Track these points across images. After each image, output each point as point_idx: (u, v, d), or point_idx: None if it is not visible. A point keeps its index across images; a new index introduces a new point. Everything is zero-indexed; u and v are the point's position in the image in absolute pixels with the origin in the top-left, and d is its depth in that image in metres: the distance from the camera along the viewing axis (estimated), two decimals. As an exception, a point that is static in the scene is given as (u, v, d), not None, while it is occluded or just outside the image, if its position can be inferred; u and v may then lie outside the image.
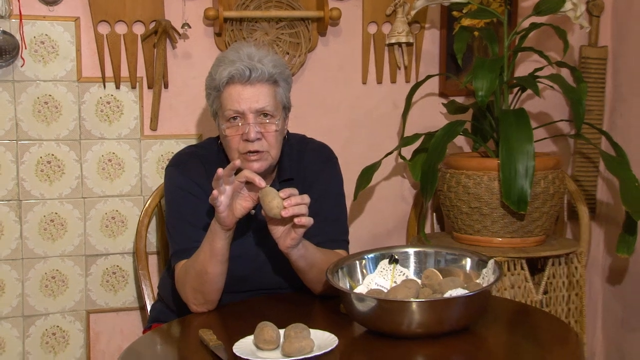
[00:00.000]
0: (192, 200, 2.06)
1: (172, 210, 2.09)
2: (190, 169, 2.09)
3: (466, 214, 2.51)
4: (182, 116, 2.66)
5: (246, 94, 1.98)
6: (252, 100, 1.98)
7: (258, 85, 1.99)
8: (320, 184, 2.13)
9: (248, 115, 1.98)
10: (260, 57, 2.01)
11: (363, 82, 2.84)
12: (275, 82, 2.03)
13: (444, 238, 2.69)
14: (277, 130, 2.02)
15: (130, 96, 2.60)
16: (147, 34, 2.55)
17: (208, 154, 2.13)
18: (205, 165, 2.10)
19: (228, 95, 2.00)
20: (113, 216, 2.62)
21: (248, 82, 1.98)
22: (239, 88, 1.98)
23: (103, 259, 2.63)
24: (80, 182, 2.58)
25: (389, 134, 2.89)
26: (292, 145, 2.17)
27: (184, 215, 2.05)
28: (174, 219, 2.08)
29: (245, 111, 1.98)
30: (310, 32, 2.72)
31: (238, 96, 1.98)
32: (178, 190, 2.08)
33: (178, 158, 2.16)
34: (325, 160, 2.19)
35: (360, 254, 1.96)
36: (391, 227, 2.93)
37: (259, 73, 1.98)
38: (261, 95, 1.99)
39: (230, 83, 1.99)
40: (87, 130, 2.57)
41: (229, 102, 1.99)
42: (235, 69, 1.97)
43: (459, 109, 2.77)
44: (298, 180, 2.12)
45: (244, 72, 1.97)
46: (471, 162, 2.52)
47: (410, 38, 2.79)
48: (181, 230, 2.05)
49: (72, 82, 2.54)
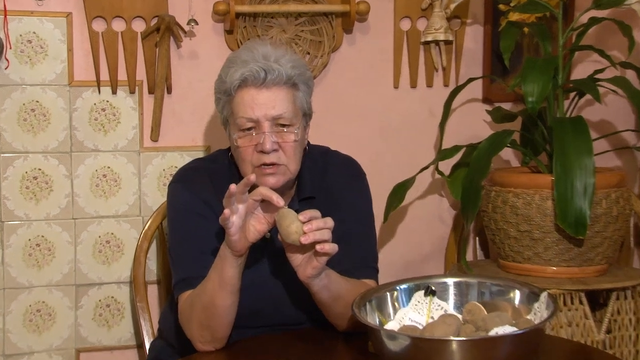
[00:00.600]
0: (199, 221, 2.05)
1: (176, 233, 2.09)
2: (196, 186, 2.10)
3: (514, 239, 2.51)
4: (188, 125, 2.68)
5: (261, 99, 1.98)
6: (267, 106, 1.98)
7: (274, 89, 1.99)
8: (345, 204, 2.12)
9: (263, 124, 1.98)
10: (277, 56, 2.01)
11: (395, 86, 2.85)
12: (294, 86, 2.03)
13: (489, 266, 2.68)
14: (297, 140, 2.02)
15: (128, 102, 2.62)
16: (148, 31, 2.57)
17: (217, 169, 2.13)
18: (214, 181, 2.10)
19: (240, 100, 2.00)
20: (108, 240, 2.64)
21: (263, 85, 1.98)
22: (252, 92, 1.99)
23: (96, 290, 2.65)
24: (70, 200, 2.60)
25: (425, 146, 2.89)
26: (313, 158, 2.17)
27: (190, 238, 2.06)
28: (178, 244, 2.08)
29: (259, 118, 1.98)
30: (334, 28, 2.73)
31: (252, 101, 1.98)
32: (182, 209, 2.09)
33: (183, 173, 2.16)
34: (352, 176, 2.19)
35: (391, 285, 1.96)
36: (427, 253, 2.93)
37: (276, 75, 1.98)
38: (278, 100, 1.99)
39: (243, 86, 1.99)
40: (79, 141, 2.59)
41: (241, 108, 2.00)
42: (248, 70, 1.97)
43: (506, 117, 2.77)
44: (320, 199, 2.12)
45: (259, 73, 1.97)
46: (520, 178, 2.51)
47: (450, 35, 2.80)
48: (186, 256, 2.05)
49: (63, 86, 2.56)
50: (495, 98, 2.91)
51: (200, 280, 1.99)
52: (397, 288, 1.95)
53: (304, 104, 2.07)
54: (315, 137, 2.22)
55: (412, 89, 2.86)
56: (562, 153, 2.34)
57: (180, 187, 2.12)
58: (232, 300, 1.94)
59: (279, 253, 1.95)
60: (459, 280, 1.96)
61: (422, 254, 2.93)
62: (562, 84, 2.55)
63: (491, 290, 1.93)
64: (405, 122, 2.88)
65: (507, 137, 2.47)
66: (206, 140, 2.71)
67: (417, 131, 2.89)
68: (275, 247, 2.03)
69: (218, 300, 1.93)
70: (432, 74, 2.87)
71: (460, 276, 1.99)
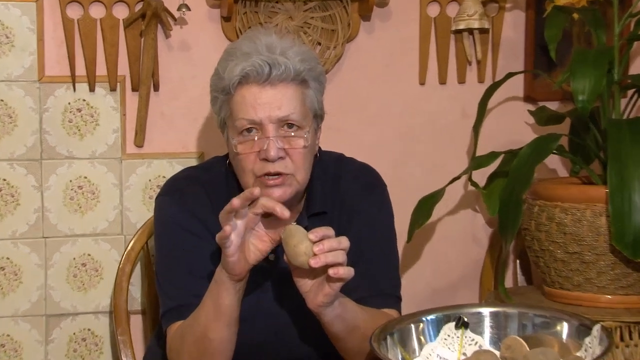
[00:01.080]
0: (191, 240, 2.06)
1: (164, 255, 2.10)
2: (188, 199, 2.10)
3: (562, 262, 2.50)
4: (178, 128, 2.68)
5: (265, 98, 1.99)
6: (272, 106, 1.99)
7: (280, 87, 2.00)
8: (362, 220, 2.13)
9: (267, 126, 1.98)
10: (283, 48, 2.02)
11: (420, 83, 2.85)
12: (303, 82, 2.04)
13: (532, 294, 2.67)
14: (306, 146, 2.02)
15: (108, 101, 2.62)
16: (132, 18, 2.58)
17: (213, 179, 2.14)
18: (210, 193, 2.11)
19: (241, 99, 2.00)
20: (84, 262, 2.64)
21: (267, 82, 1.99)
22: (255, 90, 1.99)
23: (70, 321, 2.64)
24: (40, 216, 2.60)
25: (456, 152, 2.89)
26: (326, 167, 2.18)
27: (180, 260, 2.06)
28: (167, 267, 2.09)
29: (263, 121, 1.99)
30: (350, 15, 2.73)
31: (254, 101, 1.99)
32: (172, 227, 2.09)
33: (172, 184, 2.17)
34: (370, 188, 2.19)
35: (416, 315, 1.94)
36: (458, 278, 2.93)
37: (282, 70, 1.99)
38: (285, 99, 2.00)
39: (244, 83, 2.00)
40: (50, 146, 2.59)
41: (242, 108, 2.00)
42: (250, 64, 1.98)
43: (552, 118, 2.77)
44: (333, 215, 2.13)
45: (262, 68, 1.98)
46: (569, 190, 2.51)
47: (485, 23, 2.79)
48: (176, 282, 2.06)
49: (32, 82, 2.56)
50: (539, 96, 2.91)
51: (192, 309, 1.99)
52: (424, 319, 1.94)
53: (315, 104, 2.08)
54: (326, 142, 2.23)
55: (441, 85, 2.87)
56: (619, 161, 2.34)
57: (169, 201, 2.13)
58: (230, 332, 1.95)
59: (285, 277, 1.94)
60: (496, 310, 1.96)
61: (452, 279, 2.93)
62: (618, 80, 2.55)
63: (534, 322, 1.92)
64: (433, 125, 2.88)
65: (553, 142, 2.46)
66: (200, 146, 2.71)
67: (446, 135, 2.89)
68: (280, 270, 2.03)
69: (213, 332, 1.94)
70: (465, 68, 2.87)
71: (497, 305, 1.99)
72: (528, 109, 2.89)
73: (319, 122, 2.12)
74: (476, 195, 2.90)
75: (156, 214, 2.15)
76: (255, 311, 2.03)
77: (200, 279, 2.01)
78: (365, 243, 2.09)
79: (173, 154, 2.67)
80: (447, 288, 2.91)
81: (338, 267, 1.80)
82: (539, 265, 2.59)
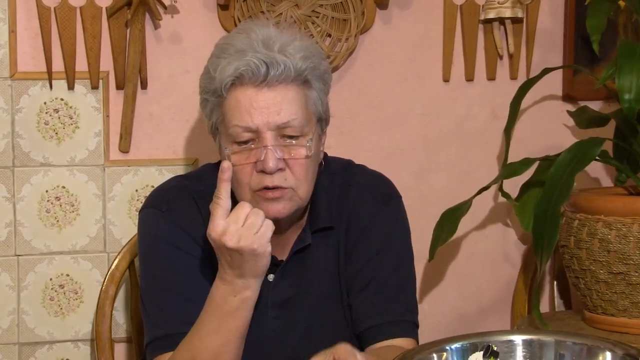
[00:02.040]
0: (181, 258, 2.07)
1: (150, 275, 2.11)
2: (176, 212, 2.11)
3: (605, 284, 2.50)
4: (168, 131, 2.69)
5: (262, 102, 1.99)
6: (270, 111, 1.99)
7: (280, 88, 2.00)
8: (373, 237, 2.13)
9: (264, 134, 1.98)
10: (282, 43, 2.01)
11: (444, 79, 2.85)
12: (305, 83, 2.04)
13: (570, 320, 2.68)
14: (309, 155, 2.02)
15: (89, 101, 2.63)
16: (117, 6, 2.58)
17: (204, 189, 2.13)
18: (200, 206, 2.10)
19: (235, 103, 2.00)
20: (62, 284, 2.64)
21: (264, 83, 1.99)
22: (250, 93, 1.99)
23: (46, 350, 2.65)
24: (12, 231, 2.61)
25: (485, 159, 2.90)
26: (332, 176, 2.18)
27: (168, 282, 2.06)
28: (152, 289, 2.09)
29: (260, 127, 1.98)
30: (364, 2, 2.73)
31: (249, 105, 1.99)
32: (158, 243, 2.10)
33: (158, 195, 2.17)
34: (383, 200, 2.19)
35: (439, 344, 1.92)
36: (487, 302, 2.94)
37: (281, 69, 1.98)
38: (285, 102, 2.00)
39: (238, 85, 2.00)
40: (23, 152, 2.60)
41: (235, 114, 2.00)
42: (244, 63, 1.98)
43: (595, 120, 2.77)
44: (340, 230, 2.13)
45: (258, 68, 1.97)
46: (613, 202, 2.52)
47: (519, 11, 2.80)
48: (163, 306, 2.06)
49: (3, 79, 2.57)
50: (579, 95, 2.92)
51: (182, 339, 2.00)
52: (447, 348, 1.93)
53: (319, 106, 2.08)
54: (337, 147, 2.24)
55: (467, 82, 2.87)
56: (670, 168, 2.34)
57: (154, 214, 2.13)
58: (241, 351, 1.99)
59: (286, 301, 2.01)
60: (530, 338, 1.95)
61: (480, 303, 2.94)
62: (670, 77, 2.56)
63: (573, 351, 1.91)
64: (459, 128, 2.89)
65: (595, 147, 2.46)
66: (193, 151, 2.72)
67: (474, 139, 2.90)
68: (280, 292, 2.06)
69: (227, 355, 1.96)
70: (495, 63, 2.88)
71: (531, 333, 1.98)
72: (567, 110, 2.89)
73: (324, 127, 2.12)
74: (507, 207, 2.91)
75: (140, 228, 2.15)
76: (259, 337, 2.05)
77: (192, 302, 2.01)
78: (376, 263, 2.09)
79: (163, 160, 2.68)
80: (475, 313, 2.92)
81: None
82: (579, 288, 2.60)
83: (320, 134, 2.10)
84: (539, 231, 2.42)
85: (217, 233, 1.89)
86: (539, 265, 2.47)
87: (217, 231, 1.89)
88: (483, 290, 2.94)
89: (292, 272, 2.10)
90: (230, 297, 1.92)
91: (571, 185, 2.40)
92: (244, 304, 1.94)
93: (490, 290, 2.94)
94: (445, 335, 2.06)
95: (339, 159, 2.25)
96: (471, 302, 2.93)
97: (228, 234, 1.89)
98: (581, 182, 2.82)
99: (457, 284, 2.92)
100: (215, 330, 1.95)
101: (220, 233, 1.89)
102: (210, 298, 1.95)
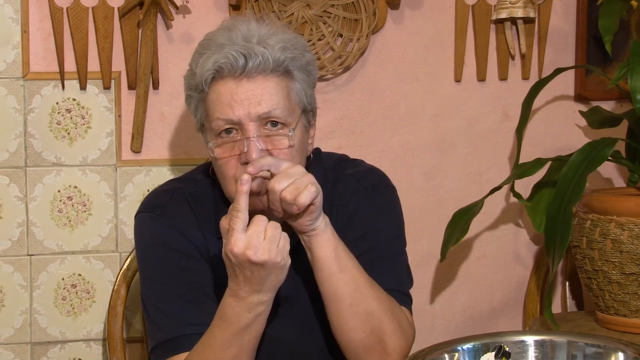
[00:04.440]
0: (180, 260, 2.07)
1: (150, 279, 2.11)
2: (172, 215, 2.11)
3: (618, 284, 2.50)
4: (180, 131, 2.69)
5: (242, 93, 1.99)
6: (250, 102, 1.99)
7: (259, 79, 2.00)
8: (362, 221, 2.13)
9: (247, 126, 1.98)
10: (261, 36, 2.02)
11: (456, 80, 2.85)
12: (286, 73, 2.04)
13: (583, 321, 2.67)
14: (292, 145, 2.02)
15: (101, 101, 2.63)
16: (129, 6, 2.59)
17: (198, 191, 2.15)
18: (195, 208, 2.12)
19: (216, 97, 2.01)
20: (74, 283, 2.65)
21: (244, 74, 1.99)
22: (230, 85, 2.00)
23: (58, 349, 2.66)
24: (24, 231, 2.62)
25: (496, 159, 2.90)
26: (324, 170, 2.17)
27: (169, 284, 2.06)
28: (154, 292, 2.09)
29: (241, 119, 1.98)
30: (376, 2, 2.73)
31: (230, 97, 1.99)
32: (156, 246, 2.10)
33: (152, 199, 2.18)
34: (371, 188, 2.18)
35: (450, 344, 1.94)
36: (499, 302, 2.93)
37: (259, 60, 1.98)
38: (265, 93, 2.00)
39: (218, 78, 2.00)
40: (36, 152, 2.61)
41: (217, 107, 2.01)
42: (222, 56, 1.98)
43: (607, 120, 2.77)
44: (329, 219, 2.10)
45: (236, 60, 1.98)
46: (626, 203, 2.51)
47: (531, 11, 2.80)
48: (166, 309, 2.06)
49: (15, 79, 2.58)
50: (592, 95, 2.91)
51: (187, 341, 2.00)
52: (459, 349, 1.93)
53: (303, 97, 2.08)
54: (347, 147, 2.24)
55: (479, 82, 2.87)
56: (683, 168, 2.33)
57: (150, 217, 2.14)
58: None
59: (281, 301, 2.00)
60: (542, 338, 1.95)
61: (492, 304, 2.94)
62: (682, 77, 2.55)
63: (585, 352, 1.92)
64: (470, 128, 2.89)
65: (608, 147, 2.46)
66: (204, 151, 2.63)
67: (485, 139, 2.90)
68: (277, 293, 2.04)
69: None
70: (507, 62, 2.87)
71: (543, 333, 1.98)
72: (579, 110, 2.89)
73: (311, 118, 2.12)
74: (519, 208, 2.91)
75: (137, 233, 2.16)
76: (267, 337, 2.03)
77: (193, 304, 2.02)
78: (365, 243, 2.09)
79: (174, 160, 2.69)
80: (486, 313, 2.91)
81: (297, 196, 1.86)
82: (591, 288, 2.59)
83: (307, 126, 2.09)
84: (551, 232, 2.42)
85: (240, 247, 1.84)
86: (551, 266, 2.46)
87: (239, 245, 1.84)
88: (495, 291, 2.93)
89: None
90: (245, 314, 1.91)
91: (583, 185, 2.40)
92: (258, 318, 1.93)
93: (502, 290, 2.93)
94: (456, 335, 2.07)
95: (332, 153, 2.26)
96: (483, 302, 2.92)
97: (252, 248, 1.84)
98: (593, 182, 2.84)
99: (468, 285, 2.92)
100: (228, 345, 1.94)
101: (244, 247, 1.84)
102: (222, 315, 1.94)
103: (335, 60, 2.71)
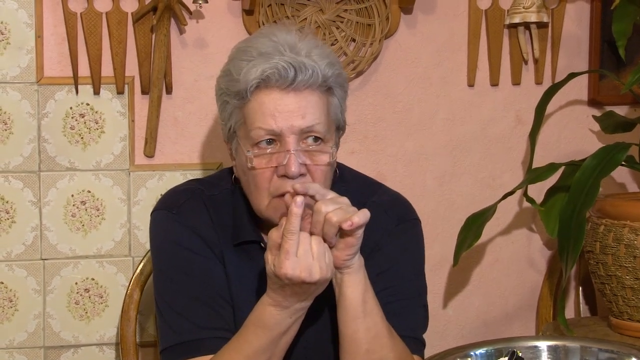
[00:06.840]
0: (195, 260, 2.06)
1: (164, 278, 2.09)
2: (188, 214, 2.10)
3: (631, 290, 2.50)
4: (193, 135, 2.70)
5: (287, 105, 1.98)
6: (295, 115, 1.97)
7: (306, 93, 1.98)
8: (382, 256, 2.10)
9: (287, 138, 1.97)
10: (308, 49, 2.00)
11: (469, 84, 2.86)
12: (329, 90, 2.03)
13: (596, 326, 2.67)
14: (330, 162, 2.02)
15: (115, 105, 2.64)
16: (142, 12, 2.59)
17: (217, 195, 2.14)
18: (211, 211, 2.11)
19: (258, 106, 1.99)
20: (87, 288, 2.66)
21: (291, 87, 1.97)
22: (275, 96, 1.98)
23: (71, 354, 2.66)
24: (38, 235, 2.62)
25: (509, 164, 2.90)
26: (347, 184, 2.14)
27: (183, 285, 2.05)
28: (167, 292, 2.07)
29: (283, 131, 1.97)
30: (389, 7, 2.74)
31: (274, 108, 1.97)
32: (171, 245, 2.09)
33: (170, 197, 2.16)
34: (397, 221, 2.16)
35: (464, 349, 1.95)
36: (512, 307, 2.93)
37: (309, 74, 1.97)
38: (310, 107, 1.98)
39: (263, 87, 1.98)
40: (50, 157, 2.62)
41: (258, 116, 1.99)
42: (272, 66, 1.96)
43: (620, 125, 2.77)
44: None
45: (287, 71, 1.96)
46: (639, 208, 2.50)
47: (544, 16, 2.80)
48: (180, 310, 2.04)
49: (29, 84, 2.59)
50: (605, 100, 2.91)
51: (201, 345, 1.99)
52: (472, 354, 1.95)
53: (339, 115, 2.07)
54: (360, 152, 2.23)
55: (492, 87, 2.88)
56: (697, 173, 2.32)
57: (166, 216, 2.12)
58: None
59: None
60: (555, 344, 1.96)
61: (505, 309, 2.94)
62: (696, 81, 2.55)
63: (599, 357, 1.92)
64: (484, 133, 2.89)
65: (621, 152, 2.47)
66: (217, 156, 2.72)
67: (499, 144, 2.90)
68: None
69: None
70: (521, 67, 2.87)
71: (556, 339, 2.00)
72: (593, 115, 2.89)
73: (340, 136, 2.11)
74: (532, 213, 2.90)
75: (151, 230, 2.15)
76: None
77: (208, 307, 2.01)
78: (385, 281, 2.06)
79: (188, 165, 2.69)
80: (499, 319, 2.91)
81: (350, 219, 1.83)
82: (604, 294, 2.59)
83: (337, 143, 2.08)
84: (564, 236, 2.43)
85: (295, 270, 1.82)
86: (564, 271, 2.47)
87: (294, 268, 1.82)
88: (508, 296, 2.93)
89: None
90: (287, 320, 1.90)
91: (597, 190, 2.41)
92: (297, 321, 1.93)
93: (515, 295, 2.93)
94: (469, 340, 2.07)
95: (355, 172, 2.23)
96: (496, 307, 2.92)
97: (305, 270, 1.83)
98: (607, 187, 2.84)
99: (481, 290, 2.92)
100: (263, 350, 1.93)
101: (299, 270, 1.83)
102: (259, 323, 1.92)
103: (348, 65, 2.71)
